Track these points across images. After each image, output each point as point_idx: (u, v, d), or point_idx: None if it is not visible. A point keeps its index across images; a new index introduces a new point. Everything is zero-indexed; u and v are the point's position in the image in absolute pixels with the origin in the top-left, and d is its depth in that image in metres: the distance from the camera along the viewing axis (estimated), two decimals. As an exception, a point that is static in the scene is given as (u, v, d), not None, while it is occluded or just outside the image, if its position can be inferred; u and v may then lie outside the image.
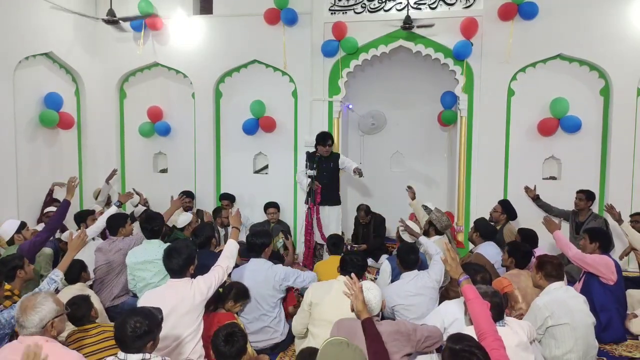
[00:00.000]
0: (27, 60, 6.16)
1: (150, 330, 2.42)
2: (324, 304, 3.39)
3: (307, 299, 3.53)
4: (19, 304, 2.51)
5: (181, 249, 3.28)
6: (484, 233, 4.99)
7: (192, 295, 3.13)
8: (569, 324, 3.21)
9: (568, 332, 3.21)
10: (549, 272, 3.45)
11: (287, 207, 7.07)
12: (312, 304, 3.46)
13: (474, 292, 2.63)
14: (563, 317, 3.22)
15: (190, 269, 3.29)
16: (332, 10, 6.66)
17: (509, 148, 6.50)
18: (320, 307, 3.40)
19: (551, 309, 3.23)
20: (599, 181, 6.30)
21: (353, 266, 3.51)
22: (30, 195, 6.18)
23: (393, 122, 7.87)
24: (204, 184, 7.32)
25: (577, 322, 3.24)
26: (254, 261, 4.03)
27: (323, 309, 3.37)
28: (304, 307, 3.56)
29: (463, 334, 2.34)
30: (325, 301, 3.39)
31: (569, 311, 3.25)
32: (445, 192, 7.58)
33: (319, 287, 3.59)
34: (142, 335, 2.38)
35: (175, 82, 7.43)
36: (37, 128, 6.38)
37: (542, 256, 3.63)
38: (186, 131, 7.40)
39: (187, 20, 7.09)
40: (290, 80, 7.04)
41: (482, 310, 2.53)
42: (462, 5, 6.35)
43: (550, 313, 3.22)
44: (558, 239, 4.32)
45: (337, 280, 3.59)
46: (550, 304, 3.27)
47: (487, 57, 6.34)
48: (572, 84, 6.29)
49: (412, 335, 2.75)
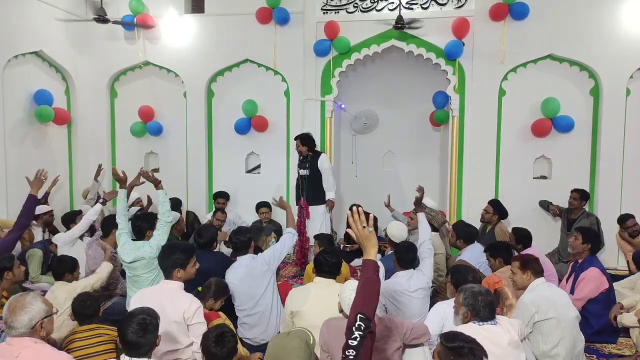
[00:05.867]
0: (16, 59, 6.10)
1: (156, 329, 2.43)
2: (303, 312, 3.36)
3: (287, 307, 3.51)
4: (6, 305, 2.47)
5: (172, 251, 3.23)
6: (466, 237, 4.85)
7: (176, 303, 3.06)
8: (554, 317, 3.25)
9: (554, 327, 3.25)
10: (536, 269, 3.50)
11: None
12: (293, 313, 3.44)
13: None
14: (549, 312, 3.26)
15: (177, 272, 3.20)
16: (325, 10, 6.66)
17: (500, 147, 6.54)
18: (301, 315, 3.37)
19: (537, 305, 3.27)
20: (589, 180, 6.35)
21: (327, 265, 3.49)
22: (19, 194, 6.05)
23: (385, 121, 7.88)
24: (196, 183, 7.29)
25: (561, 315, 3.28)
26: (240, 259, 4.00)
27: (304, 317, 3.33)
28: (286, 316, 3.54)
29: (456, 331, 2.34)
30: (305, 309, 3.35)
31: (553, 306, 3.29)
32: (437, 192, 7.60)
33: (297, 294, 3.54)
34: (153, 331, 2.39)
35: (166, 81, 7.39)
36: (26, 127, 6.32)
37: (523, 256, 3.66)
38: (178, 131, 7.36)
39: (178, 19, 7.05)
40: (282, 80, 7.03)
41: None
42: (453, 5, 6.38)
43: (537, 309, 3.25)
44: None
45: (313, 283, 3.58)
46: (535, 300, 3.30)
47: (478, 57, 6.37)
48: (562, 84, 6.33)
49: (400, 328, 2.77)
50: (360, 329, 2.01)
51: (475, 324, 2.68)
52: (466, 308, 2.74)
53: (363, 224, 2.18)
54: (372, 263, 2.18)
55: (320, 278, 3.54)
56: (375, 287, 2.16)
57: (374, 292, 2.15)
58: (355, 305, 2.13)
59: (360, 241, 2.21)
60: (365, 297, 2.13)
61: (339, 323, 2.86)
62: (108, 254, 4.33)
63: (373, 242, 2.20)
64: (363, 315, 2.03)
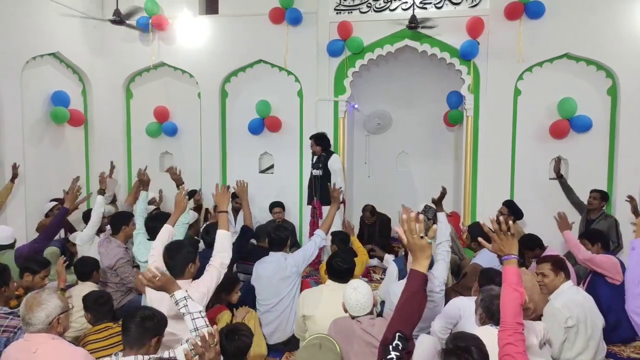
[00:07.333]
0: (34, 60, 6.21)
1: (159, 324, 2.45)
2: (316, 317, 3.36)
3: (300, 310, 3.52)
4: (23, 302, 2.52)
5: (179, 247, 3.14)
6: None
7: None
8: (584, 324, 3.20)
9: (582, 333, 3.20)
10: (567, 270, 3.46)
11: (293, 207, 7.08)
12: (306, 317, 3.44)
13: (514, 277, 2.21)
14: (579, 318, 3.21)
15: (190, 267, 3.10)
16: (338, 10, 6.65)
17: (516, 148, 6.46)
18: (313, 320, 3.38)
19: (570, 310, 3.21)
20: (607, 181, 6.25)
21: (339, 271, 3.49)
22: (37, 193, 6.22)
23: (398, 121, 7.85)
24: (210, 183, 7.29)
25: (589, 323, 3.23)
26: (272, 254, 4.08)
27: (316, 322, 3.34)
28: (299, 318, 3.55)
29: (465, 332, 2.31)
30: (317, 314, 3.36)
31: (583, 312, 3.24)
32: (451, 193, 7.54)
33: (309, 297, 3.55)
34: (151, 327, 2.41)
35: (181, 82, 7.46)
36: (44, 127, 6.43)
37: (553, 257, 3.59)
38: (192, 131, 7.42)
39: (193, 20, 7.11)
40: (295, 80, 7.05)
41: (512, 300, 2.17)
42: (468, 4, 6.33)
43: (570, 313, 3.20)
44: (568, 240, 4.33)
45: (325, 285, 3.58)
46: (568, 305, 3.24)
47: (493, 57, 6.31)
48: (579, 84, 6.24)
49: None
50: (398, 349, 1.87)
51: (492, 327, 2.64)
52: (482, 310, 2.73)
53: (421, 233, 1.96)
54: (421, 276, 1.97)
55: (331, 281, 3.55)
56: (421, 305, 1.97)
57: (418, 310, 1.96)
58: (394, 322, 1.96)
59: (412, 250, 2.01)
60: (408, 315, 1.95)
61: (345, 322, 2.87)
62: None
63: (427, 254, 1.99)
64: (402, 334, 1.87)
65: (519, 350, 2.07)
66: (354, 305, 2.88)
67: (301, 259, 4.02)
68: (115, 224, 4.53)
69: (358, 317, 2.89)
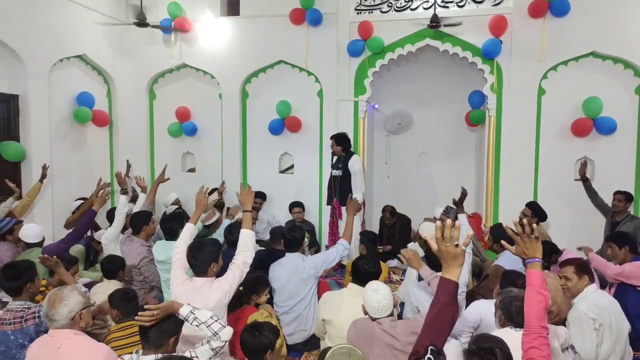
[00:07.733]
0: (61, 62, 6.37)
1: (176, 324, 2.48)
2: (335, 322, 3.34)
3: (320, 314, 3.50)
4: (46, 299, 2.59)
5: (202, 247, 3.23)
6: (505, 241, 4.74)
7: (207, 297, 3.06)
8: (609, 328, 3.13)
9: (607, 338, 3.13)
10: (591, 273, 3.39)
11: (312, 207, 7.09)
12: (325, 321, 3.42)
13: (538, 280, 2.20)
14: (605, 322, 3.14)
15: (213, 267, 3.21)
16: (358, 10, 6.64)
17: (539, 148, 6.34)
18: (333, 324, 3.36)
19: (596, 313, 3.15)
20: (634, 182, 6.08)
21: (365, 274, 3.43)
22: (63, 192, 6.37)
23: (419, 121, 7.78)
24: (230, 183, 7.36)
25: (614, 327, 3.16)
26: (288, 256, 4.06)
27: (336, 326, 3.32)
28: (319, 321, 3.53)
29: (488, 334, 2.28)
30: (338, 319, 3.32)
31: (608, 317, 3.17)
32: (473, 194, 7.43)
33: (329, 301, 3.52)
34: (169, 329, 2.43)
35: (202, 83, 7.55)
36: (70, 127, 6.59)
37: (576, 260, 3.52)
38: (213, 131, 7.50)
39: (214, 22, 7.19)
40: (315, 81, 7.06)
41: (536, 303, 2.16)
42: (490, 2, 6.23)
43: (596, 316, 3.14)
44: (594, 259, 4.26)
45: (347, 289, 3.55)
46: (593, 307, 3.19)
47: (517, 55, 6.20)
48: (605, 83, 6.09)
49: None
50: None
51: (512, 329, 2.61)
52: (501, 311, 2.70)
53: (455, 242, 1.86)
54: (453, 285, 1.88)
55: (354, 285, 3.50)
56: (454, 316, 1.92)
57: (450, 322, 1.90)
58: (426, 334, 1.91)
59: (443, 257, 1.90)
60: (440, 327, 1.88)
61: (366, 324, 2.85)
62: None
63: (460, 262, 1.89)
64: (435, 348, 1.81)
65: (543, 354, 2.04)
66: (375, 307, 2.86)
67: (320, 262, 3.99)
68: (135, 224, 4.56)
69: (379, 319, 2.87)
